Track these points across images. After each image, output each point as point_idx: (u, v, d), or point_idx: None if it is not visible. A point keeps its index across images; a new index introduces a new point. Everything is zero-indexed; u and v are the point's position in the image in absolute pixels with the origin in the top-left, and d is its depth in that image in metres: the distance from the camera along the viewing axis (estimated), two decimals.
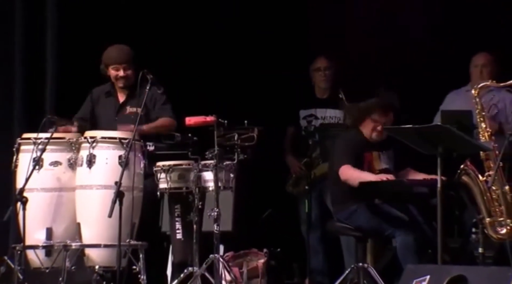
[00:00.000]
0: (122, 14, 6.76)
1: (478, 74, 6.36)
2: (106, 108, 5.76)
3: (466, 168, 5.49)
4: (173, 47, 6.68)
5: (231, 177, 5.51)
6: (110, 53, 5.81)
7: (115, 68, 5.78)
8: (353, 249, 6.07)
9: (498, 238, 5.42)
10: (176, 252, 5.61)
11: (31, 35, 6.52)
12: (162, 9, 6.95)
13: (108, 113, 5.74)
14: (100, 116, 5.84)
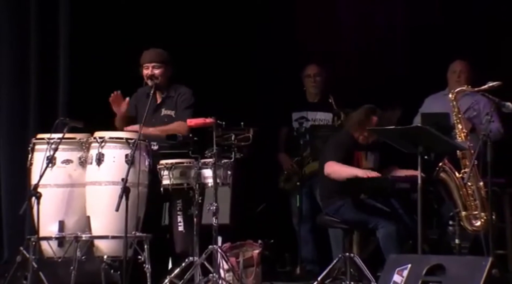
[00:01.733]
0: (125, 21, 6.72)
1: (456, 79, 6.35)
2: (145, 108, 5.68)
3: (444, 165, 5.49)
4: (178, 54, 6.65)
5: (228, 174, 5.49)
6: (144, 54, 5.82)
7: (146, 67, 5.77)
8: (340, 240, 6.07)
9: (473, 229, 5.42)
10: (178, 243, 5.58)
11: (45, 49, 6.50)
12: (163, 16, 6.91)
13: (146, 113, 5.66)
14: (139, 115, 5.79)
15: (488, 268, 4.40)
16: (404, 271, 4.63)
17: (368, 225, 5.83)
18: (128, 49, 6.29)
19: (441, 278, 4.51)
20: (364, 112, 5.96)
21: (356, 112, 6.04)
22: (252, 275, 5.40)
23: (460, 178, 5.43)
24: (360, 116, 5.96)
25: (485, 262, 4.44)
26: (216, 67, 7.05)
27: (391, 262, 4.79)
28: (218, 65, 7.06)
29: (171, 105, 5.78)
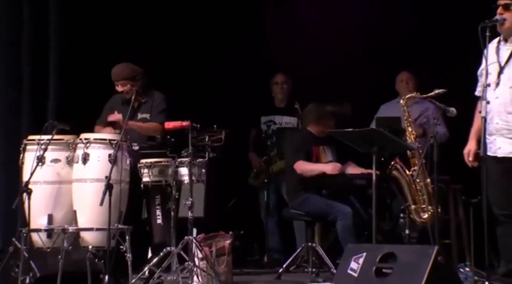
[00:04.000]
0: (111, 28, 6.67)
1: (405, 86, 6.37)
2: (122, 113, 5.68)
3: (395, 164, 5.51)
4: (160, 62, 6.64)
5: (203, 172, 5.47)
6: (112, 71, 5.80)
7: (115, 84, 5.78)
8: (303, 231, 6.07)
9: (421, 221, 5.45)
10: (157, 234, 5.57)
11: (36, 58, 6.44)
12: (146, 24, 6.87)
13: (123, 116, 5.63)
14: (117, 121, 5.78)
15: (434, 255, 4.38)
16: (360, 259, 4.60)
17: (329, 217, 5.84)
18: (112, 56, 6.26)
19: (393, 265, 4.49)
20: (316, 107, 5.98)
21: (308, 108, 6.06)
22: (224, 263, 5.38)
23: (410, 175, 5.45)
24: (314, 111, 5.98)
25: (432, 250, 4.43)
26: (193, 74, 7.03)
27: (349, 251, 4.76)
28: (195, 73, 7.04)
29: (146, 109, 5.76)
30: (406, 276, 4.42)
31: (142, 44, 6.68)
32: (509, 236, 4.67)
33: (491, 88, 4.63)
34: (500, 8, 4.67)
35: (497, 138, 4.61)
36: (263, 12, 7.41)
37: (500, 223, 4.70)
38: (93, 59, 6.54)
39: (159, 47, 6.79)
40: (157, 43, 6.82)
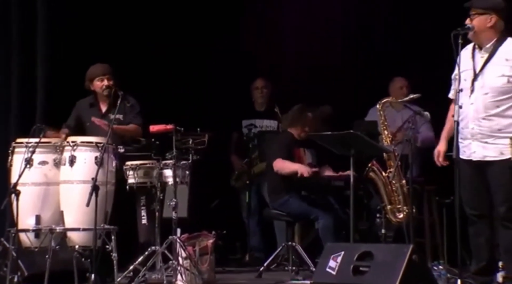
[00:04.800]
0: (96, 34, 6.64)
1: (400, 92, 6.23)
2: (91, 116, 5.65)
3: (372, 166, 5.53)
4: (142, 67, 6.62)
5: (186, 173, 5.47)
6: (94, 68, 5.75)
7: (100, 80, 5.71)
8: (284, 231, 6.08)
9: (397, 221, 5.47)
10: (142, 234, 5.56)
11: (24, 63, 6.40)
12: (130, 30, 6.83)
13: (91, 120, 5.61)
14: (86, 124, 5.75)
15: (409, 254, 4.43)
16: (338, 257, 4.64)
17: (308, 217, 5.87)
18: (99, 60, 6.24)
19: (370, 263, 4.52)
20: (298, 110, 6.01)
21: (290, 112, 6.09)
22: (207, 262, 5.38)
23: (386, 176, 5.47)
24: (295, 114, 6.01)
25: (407, 249, 4.47)
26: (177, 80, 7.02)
27: (328, 250, 4.79)
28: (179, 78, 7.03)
29: (119, 110, 5.61)
30: (382, 274, 4.45)
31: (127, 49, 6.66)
32: (479, 236, 4.70)
33: (466, 94, 4.66)
34: (469, 18, 4.71)
35: (472, 143, 4.64)
36: (245, 17, 7.42)
37: (471, 223, 4.73)
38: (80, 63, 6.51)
39: (144, 52, 6.78)
40: (142, 47, 6.80)
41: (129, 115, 5.71)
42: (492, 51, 4.68)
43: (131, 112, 5.72)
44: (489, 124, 4.63)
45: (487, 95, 4.64)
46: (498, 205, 4.64)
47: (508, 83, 4.61)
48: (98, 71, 5.74)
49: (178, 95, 6.89)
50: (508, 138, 4.62)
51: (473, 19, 4.67)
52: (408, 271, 4.38)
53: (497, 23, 4.67)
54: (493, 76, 4.64)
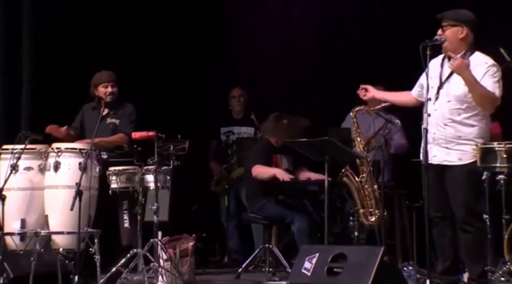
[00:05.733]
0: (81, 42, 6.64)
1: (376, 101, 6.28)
2: (91, 119, 5.69)
3: (346, 171, 5.56)
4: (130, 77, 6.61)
5: (167, 178, 5.47)
6: (99, 75, 5.85)
7: (104, 86, 5.80)
8: (261, 233, 6.11)
9: (369, 224, 5.50)
10: (124, 237, 5.55)
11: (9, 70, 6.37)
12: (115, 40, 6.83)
13: (92, 123, 5.63)
14: (86, 125, 5.80)
15: (381, 255, 4.45)
16: (313, 259, 4.65)
17: (285, 221, 5.88)
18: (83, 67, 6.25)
19: (343, 265, 4.54)
20: (274, 119, 6.05)
21: (267, 121, 6.13)
22: (187, 264, 5.39)
23: (359, 181, 5.51)
24: (272, 123, 6.04)
25: (378, 250, 4.50)
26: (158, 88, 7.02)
27: (303, 252, 4.80)
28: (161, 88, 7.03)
29: (116, 115, 5.80)
30: (355, 275, 4.47)
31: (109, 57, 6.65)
32: (443, 236, 4.76)
33: (431, 101, 4.73)
34: (440, 29, 4.77)
35: (433, 147, 4.71)
36: (222, 26, 7.44)
37: (435, 225, 4.78)
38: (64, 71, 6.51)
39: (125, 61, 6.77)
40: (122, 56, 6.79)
41: (124, 121, 5.74)
42: None
43: (126, 120, 5.76)
44: (450, 131, 4.70)
45: (450, 103, 4.71)
46: (457, 209, 4.70)
47: (470, 93, 4.69)
48: (103, 78, 5.83)
49: (159, 103, 6.89)
50: (467, 145, 4.69)
51: (445, 30, 4.73)
52: (379, 271, 4.41)
53: (467, 36, 4.74)
54: (457, 85, 4.71)
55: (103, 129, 5.74)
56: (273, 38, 7.50)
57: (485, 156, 4.69)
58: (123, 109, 5.83)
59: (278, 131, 5.97)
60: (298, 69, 7.29)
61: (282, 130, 5.96)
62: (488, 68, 4.68)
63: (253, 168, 5.88)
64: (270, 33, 7.51)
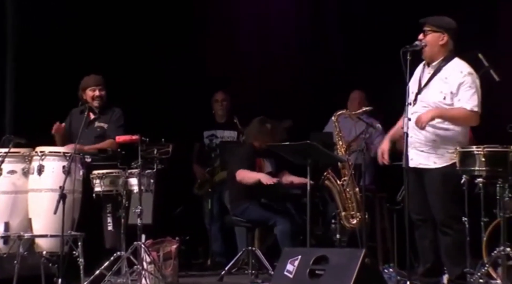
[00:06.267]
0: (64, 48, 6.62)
1: (355, 105, 6.29)
2: (79, 122, 5.67)
3: (328, 174, 5.60)
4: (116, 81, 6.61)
5: (151, 182, 5.46)
6: (87, 79, 5.85)
7: (92, 90, 5.81)
8: (244, 236, 6.10)
9: (351, 226, 5.54)
10: (108, 240, 5.54)
11: None
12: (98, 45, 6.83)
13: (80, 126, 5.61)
14: (74, 129, 5.79)
15: (362, 258, 4.47)
16: (296, 261, 4.66)
17: (268, 223, 5.88)
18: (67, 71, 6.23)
19: (325, 267, 4.56)
20: (258, 123, 6.07)
21: (251, 125, 6.15)
22: (170, 267, 5.39)
23: (341, 184, 5.54)
24: (256, 127, 6.06)
25: (360, 253, 4.52)
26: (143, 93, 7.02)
27: (285, 254, 4.81)
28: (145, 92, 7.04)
29: (104, 119, 5.81)
30: (337, 277, 4.49)
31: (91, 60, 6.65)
32: (424, 239, 4.80)
33: (411, 106, 4.78)
34: (421, 34, 4.82)
35: (411, 151, 4.76)
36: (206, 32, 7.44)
37: (416, 227, 4.82)
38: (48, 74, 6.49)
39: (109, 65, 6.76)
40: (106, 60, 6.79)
41: (110, 126, 5.73)
42: (437, 68, 4.80)
43: (114, 124, 5.76)
44: (425, 135, 4.75)
45: (425, 109, 4.76)
46: (436, 212, 4.74)
47: (444, 100, 4.73)
48: (91, 82, 5.84)
49: (143, 107, 6.89)
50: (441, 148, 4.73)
51: (426, 35, 4.78)
52: (361, 273, 4.44)
53: (448, 42, 4.79)
54: (433, 92, 4.77)
55: (90, 133, 5.75)
56: (256, 42, 7.52)
57: (464, 160, 4.74)
58: (111, 114, 5.84)
59: (262, 136, 5.99)
60: (280, 74, 7.32)
61: (265, 135, 5.98)
62: (463, 79, 4.71)
63: (238, 172, 5.89)
64: (253, 37, 7.53)
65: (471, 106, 4.68)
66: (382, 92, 6.31)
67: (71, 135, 5.82)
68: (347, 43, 7.26)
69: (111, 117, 5.82)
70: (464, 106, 4.68)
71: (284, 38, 7.47)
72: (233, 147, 6.54)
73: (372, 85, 6.58)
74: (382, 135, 6.18)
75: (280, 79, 7.30)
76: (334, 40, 7.41)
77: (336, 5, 7.41)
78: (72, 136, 5.79)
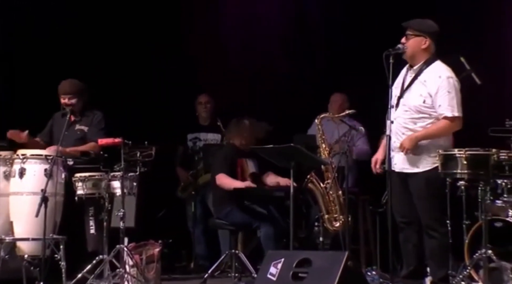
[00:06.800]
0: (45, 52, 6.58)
1: (336, 108, 6.32)
2: (61, 126, 5.65)
3: (311, 177, 5.58)
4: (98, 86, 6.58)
5: (134, 185, 5.45)
6: (60, 86, 5.83)
7: (62, 98, 5.79)
8: (227, 239, 6.10)
9: (334, 229, 5.53)
10: (90, 243, 5.51)
11: None
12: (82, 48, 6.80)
13: (61, 129, 5.59)
14: (55, 132, 5.77)
15: (345, 260, 4.47)
16: (279, 264, 4.66)
17: (251, 226, 5.88)
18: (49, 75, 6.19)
19: (308, 270, 4.55)
20: (235, 121, 6.07)
21: (229, 125, 6.15)
22: (153, 270, 5.37)
23: (324, 187, 5.54)
24: (234, 125, 6.06)
25: (343, 255, 4.52)
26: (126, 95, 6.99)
27: (269, 257, 4.80)
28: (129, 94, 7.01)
29: (85, 122, 5.78)
30: (320, 279, 4.49)
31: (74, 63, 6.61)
32: (408, 242, 4.81)
33: (394, 110, 4.79)
34: (404, 37, 4.84)
35: (395, 155, 4.77)
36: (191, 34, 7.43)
37: (400, 230, 4.83)
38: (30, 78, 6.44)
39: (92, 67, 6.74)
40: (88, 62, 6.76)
41: (92, 129, 5.71)
42: (419, 71, 4.82)
43: (95, 127, 5.74)
44: None
45: (407, 112, 4.78)
46: (421, 215, 4.76)
47: (424, 103, 4.75)
48: (61, 90, 5.82)
49: (126, 110, 6.86)
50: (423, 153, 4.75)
51: (409, 39, 4.80)
52: (343, 276, 4.44)
53: (430, 46, 4.82)
54: (413, 95, 4.79)
55: (71, 136, 5.72)
56: (240, 45, 7.52)
57: (446, 163, 4.76)
58: (92, 117, 5.82)
59: (241, 132, 5.98)
60: (264, 77, 7.33)
61: (245, 131, 5.98)
62: (442, 83, 4.72)
63: (217, 176, 5.88)
64: (237, 41, 7.53)
65: (452, 113, 4.70)
66: (365, 95, 6.34)
67: (51, 138, 5.78)
68: (331, 46, 7.28)
69: (92, 120, 5.80)
70: (445, 114, 4.70)
71: (268, 42, 7.47)
72: (216, 149, 6.53)
73: (355, 88, 6.60)
74: (365, 137, 6.22)
75: (264, 82, 7.31)
76: (318, 43, 7.42)
77: (320, 8, 7.42)
78: (52, 139, 5.75)
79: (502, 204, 5.29)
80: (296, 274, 4.59)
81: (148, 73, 7.17)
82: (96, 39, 6.96)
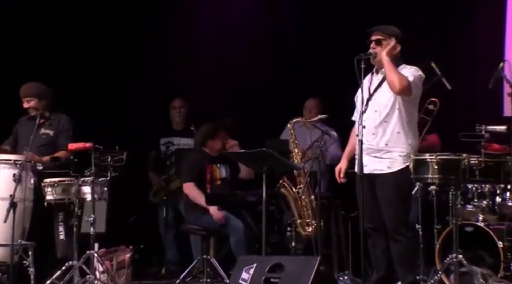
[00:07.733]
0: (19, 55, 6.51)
1: (308, 113, 6.32)
2: (26, 130, 5.58)
3: (283, 182, 5.61)
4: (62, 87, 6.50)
5: (105, 190, 5.40)
6: (21, 89, 5.73)
7: (23, 101, 5.70)
8: (199, 244, 6.06)
9: (306, 234, 5.55)
10: (59, 249, 5.44)
11: None
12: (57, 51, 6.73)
13: (26, 133, 5.54)
14: (20, 137, 5.68)
15: (317, 265, 4.48)
16: (251, 269, 4.65)
17: (223, 232, 5.87)
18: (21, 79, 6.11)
19: (280, 275, 4.55)
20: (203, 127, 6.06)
21: (198, 131, 6.13)
22: (124, 276, 5.32)
23: (296, 192, 5.56)
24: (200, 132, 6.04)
25: (315, 260, 4.53)
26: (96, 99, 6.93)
27: (241, 262, 4.79)
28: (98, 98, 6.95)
29: (50, 126, 5.68)
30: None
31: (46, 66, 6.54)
32: (376, 247, 4.82)
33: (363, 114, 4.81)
34: (373, 43, 4.87)
35: (364, 157, 4.78)
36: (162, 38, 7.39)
37: (369, 236, 4.83)
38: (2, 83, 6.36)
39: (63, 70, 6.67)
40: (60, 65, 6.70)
41: (61, 136, 5.63)
42: None
43: (64, 134, 5.67)
44: (377, 140, 4.78)
45: (376, 113, 4.81)
46: (388, 219, 4.76)
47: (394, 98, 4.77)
48: (21, 93, 5.73)
49: (98, 114, 6.80)
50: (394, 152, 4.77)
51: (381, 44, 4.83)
52: (316, 281, 4.45)
53: (399, 50, 4.85)
54: (383, 94, 4.82)
55: (35, 141, 5.61)
56: (213, 50, 7.50)
57: (417, 167, 4.78)
58: (58, 121, 5.72)
59: (207, 136, 5.97)
60: (237, 82, 7.32)
61: (209, 135, 5.96)
62: (411, 68, 4.81)
63: (185, 185, 5.85)
64: (210, 45, 7.51)
65: (411, 79, 4.74)
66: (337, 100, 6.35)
67: (16, 143, 5.69)
68: (303, 51, 7.29)
69: (58, 125, 5.69)
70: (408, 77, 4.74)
71: (241, 47, 7.47)
72: (188, 154, 6.49)
73: (327, 93, 6.62)
74: (337, 142, 6.23)
75: (237, 87, 7.29)
76: (291, 49, 7.43)
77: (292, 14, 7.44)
78: (19, 144, 5.65)
79: (472, 208, 5.34)
80: (268, 279, 4.58)
81: (121, 76, 7.12)
82: (67, 43, 6.90)
